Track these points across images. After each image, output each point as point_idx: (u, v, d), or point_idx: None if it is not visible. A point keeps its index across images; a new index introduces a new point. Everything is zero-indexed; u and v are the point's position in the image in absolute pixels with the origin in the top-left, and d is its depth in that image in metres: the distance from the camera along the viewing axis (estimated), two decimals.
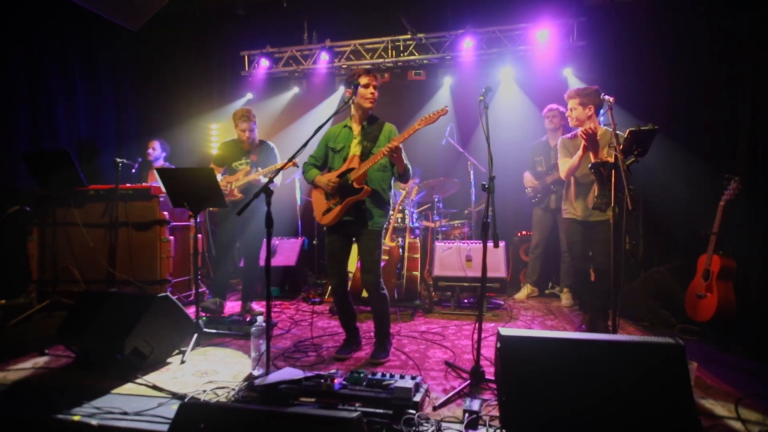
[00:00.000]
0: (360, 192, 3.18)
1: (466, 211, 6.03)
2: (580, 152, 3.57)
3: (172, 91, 7.24)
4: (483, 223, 2.83)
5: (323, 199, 3.36)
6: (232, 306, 4.96)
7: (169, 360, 3.22)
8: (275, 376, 2.57)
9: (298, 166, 4.13)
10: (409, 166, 3.28)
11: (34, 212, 4.67)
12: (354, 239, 3.42)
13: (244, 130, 4.51)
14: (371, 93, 3.27)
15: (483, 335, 3.11)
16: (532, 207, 5.50)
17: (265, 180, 4.30)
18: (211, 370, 3.04)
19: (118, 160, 4.56)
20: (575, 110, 3.66)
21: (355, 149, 3.31)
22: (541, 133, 5.49)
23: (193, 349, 3.35)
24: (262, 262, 4.58)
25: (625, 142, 3.05)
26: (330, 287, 3.47)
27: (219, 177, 4.26)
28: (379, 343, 3.35)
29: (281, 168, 3.38)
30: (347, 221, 3.28)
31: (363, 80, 3.24)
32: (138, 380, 2.83)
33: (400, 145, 3.08)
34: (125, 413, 2.38)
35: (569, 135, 3.90)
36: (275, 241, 5.77)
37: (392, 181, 3.44)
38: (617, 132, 3.06)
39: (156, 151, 5.67)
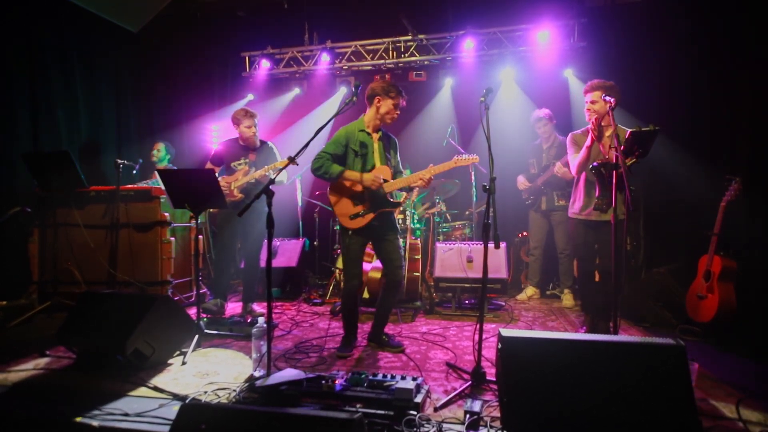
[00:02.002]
0: (397, 206, 3.48)
1: (467, 212, 6.03)
2: (587, 142, 3.52)
3: (173, 92, 7.24)
4: (484, 224, 2.83)
5: (349, 202, 3.40)
6: (233, 307, 4.96)
7: (170, 361, 3.22)
8: (276, 377, 2.57)
9: (297, 164, 4.13)
10: None
11: (35, 213, 4.67)
12: (372, 241, 3.53)
13: (249, 126, 4.49)
14: (397, 114, 3.46)
15: (484, 336, 3.10)
16: (528, 210, 5.55)
17: (265, 178, 4.32)
18: (212, 371, 3.03)
19: (119, 161, 4.57)
20: (597, 103, 3.53)
21: (379, 159, 3.46)
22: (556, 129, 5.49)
23: (194, 350, 3.35)
24: (263, 263, 4.58)
25: (625, 143, 3.05)
26: (343, 288, 3.50)
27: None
28: (390, 336, 3.58)
29: (282, 168, 3.37)
30: (374, 225, 3.40)
31: (398, 101, 3.41)
32: (139, 381, 2.83)
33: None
34: (126, 414, 2.38)
35: (579, 130, 3.83)
36: (276, 242, 5.77)
37: None
38: (617, 131, 3.06)
39: (160, 152, 5.67)
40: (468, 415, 2.30)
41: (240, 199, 4.43)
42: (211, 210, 5.47)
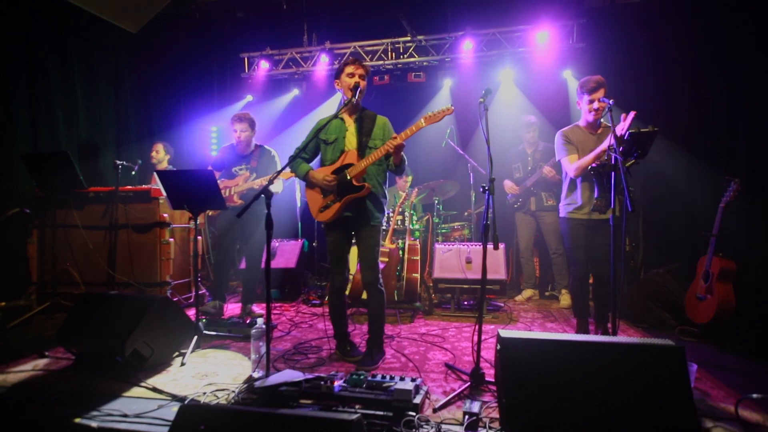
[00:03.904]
0: (361, 190, 3.15)
1: (465, 213, 6.04)
2: (604, 145, 3.31)
3: (172, 93, 7.26)
4: (483, 225, 2.83)
5: (319, 195, 3.29)
6: (232, 308, 4.96)
7: (169, 362, 3.21)
8: (275, 378, 2.56)
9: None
10: (405, 158, 3.21)
11: (34, 214, 4.67)
12: (353, 235, 3.37)
13: (235, 131, 4.52)
14: (355, 82, 3.17)
15: (483, 337, 3.10)
16: (515, 212, 5.57)
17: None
18: (211, 372, 3.03)
19: (118, 162, 4.57)
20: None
21: (350, 143, 3.25)
22: (541, 134, 5.51)
23: (193, 351, 3.35)
24: (262, 265, 4.58)
25: (624, 143, 3.04)
26: (329, 288, 3.41)
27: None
28: (369, 350, 3.30)
29: (278, 173, 3.33)
30: (346, 217, 3.24)
31: (348, 69, 3.21)
32: (138, 382, 2.83)
33: (403, 143, 3.02)
34: (125, 415, 2.37)
35: (569, 128, 3.72)
36: (275, 243, 5.77)
37: (386, 174, 3.39)
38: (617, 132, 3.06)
39: (159, 153, 5.67)
40: (467, 416, 2.30)
41: (240, 204, 4.43)
42: (210, 213, 5.47)
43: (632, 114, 3.15)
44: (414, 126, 3.04)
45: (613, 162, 2.96)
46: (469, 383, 2.74)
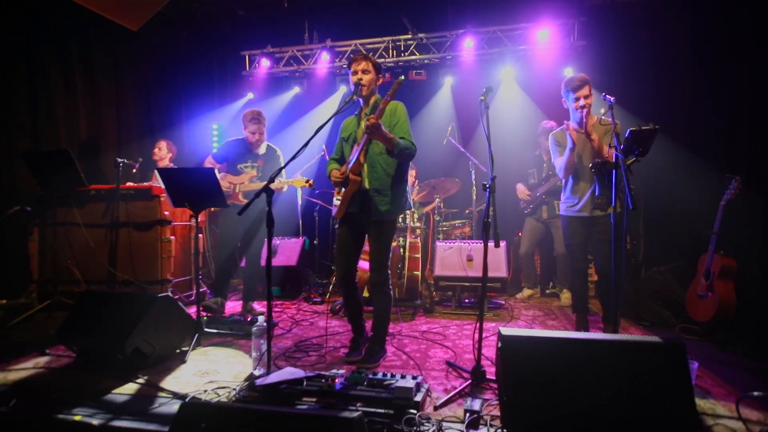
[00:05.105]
0: (345, 184, 3.13)
1: (467, 211, 6.04)
2: (570, 144, 3.44)
3: (173, 91, 7.26)
4: (484, 223, 2.83)
5: (337, 192, 3.32)
6: (233, 306, 4.96)
7: (170, 360, 3.21)
8: (276, 376, 2.57)
9: (314, 188, 4.25)
10: (402, 143, 3.03)
11: (35, 212, 4.67)
12: (366, 233, 3.30)
13: (253, 132, 4.49)
14: (357, 79, 3.19)
15: (484, 335, 3.10)
16: (525, 216, 5.55)
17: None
18: (212, 370, 3.04)
19: (119, 159, 4.57)
20: (590, 97, 3.48)
21: (359, 137, 3.23)
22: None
23: (194, 348, 3.35)
24: (263, 262, 4.58)
25: (625, 141, 3.04)
26: (332, 284, 3.41)
27: (218, 175, 4.25)
28: (370, 349, 3.24)
29: (279, 171, 3.31)
30: (352, 213, 3.20)
31: (351, 68, 3.26)
32: (139, 380, 2.83)
33: (377, 122, 2.87)
34: (126, 413, 2.37)
35: (558, 129, 3.77)
36: (276, 241, 5.77)
37: (400, 165, 3.24)
38: (617, 131, 3.06)
39: (162, 151, 5.66)
40: (468, 414, 2.31)
41: (244, 203, 4.42)
42: (212, 209, 5.47)
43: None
44: (378, 111, 3.03)
45: (614, 160, 2.96)
46: (470, 381, 2.74)
